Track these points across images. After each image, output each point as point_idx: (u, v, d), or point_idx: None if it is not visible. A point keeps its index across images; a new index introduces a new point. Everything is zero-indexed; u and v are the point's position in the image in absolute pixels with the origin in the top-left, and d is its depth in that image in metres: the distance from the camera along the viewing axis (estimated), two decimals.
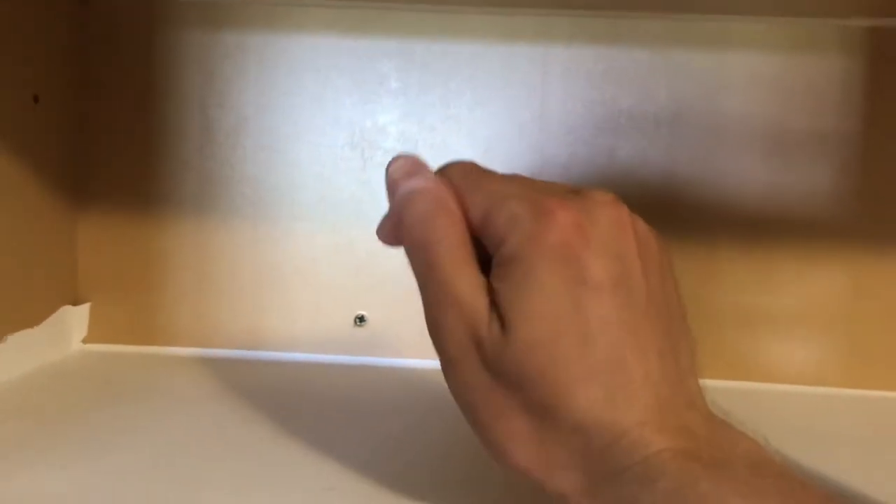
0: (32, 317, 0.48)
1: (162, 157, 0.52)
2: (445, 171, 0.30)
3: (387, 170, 0.30)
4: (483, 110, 0.51)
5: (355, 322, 0.53)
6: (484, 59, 0.51)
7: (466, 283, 0.26)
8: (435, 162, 0.30)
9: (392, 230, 0.30)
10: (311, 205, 0.52)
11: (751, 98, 0.50)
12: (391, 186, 0.30)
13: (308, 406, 0.43)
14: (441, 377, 0.28)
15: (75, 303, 0.52)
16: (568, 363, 0.25)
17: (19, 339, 0.46)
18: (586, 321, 0.25)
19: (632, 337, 0.25)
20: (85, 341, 0.53)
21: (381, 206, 0.50)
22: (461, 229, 0.27)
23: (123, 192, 0.53)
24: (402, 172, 0.30)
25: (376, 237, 0.31)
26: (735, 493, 0.22)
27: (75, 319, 0.52)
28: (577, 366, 0.25)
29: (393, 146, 0.52)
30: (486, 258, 0.27)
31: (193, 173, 0.52)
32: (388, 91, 0.51)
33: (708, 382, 0.30)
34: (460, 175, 0.29)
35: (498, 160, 0.51)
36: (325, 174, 0.52)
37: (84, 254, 0.53)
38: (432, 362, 0.28)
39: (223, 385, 0.46)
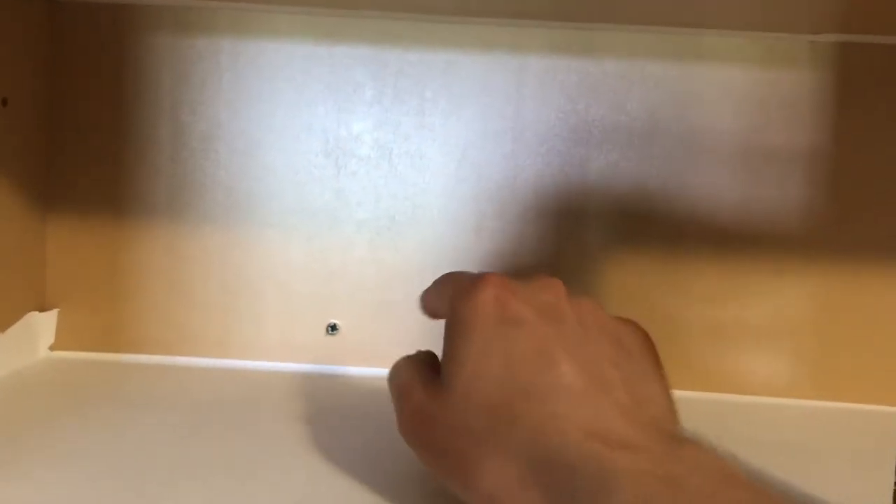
0: None
1: (133, 162, 0.52)
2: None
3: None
4: (458, 119, 0.51)
5: (327, 330, 0.52)
6: (459, 68, 0.51)
7: (406, 376, 0.32)
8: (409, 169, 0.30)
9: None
10: (285, 212, 0.52)
11: (723, 111, 0.51)
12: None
13: (279, 415, 0.43)
14: None
15: (43, 309, 0.52)
16: (501, 388, 0.27)
17: None
18: (515, 350, 0.27)
19: (565, 358, 0.27)
20: (52, 348, 0.52)
21: (354, 214, 0.50)
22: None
23: (94, 197, 0.52)
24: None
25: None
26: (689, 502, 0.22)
27: (42, 326, 0.51)
28: (509, 388, 0.27)
29: (367, 154, 0.51)
30: None
31: (165, 179, 0.52)
32: (363, 99, 0.51)
33: (679, 394, 0.31)
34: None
35: (472, 169, 0.51)
36: (300, 181, 0.52)
37: (52, 259, 0.52)
38: None
39: (193, 394, 0.46)
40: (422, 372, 0.31)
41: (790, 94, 0.50)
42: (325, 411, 0.44)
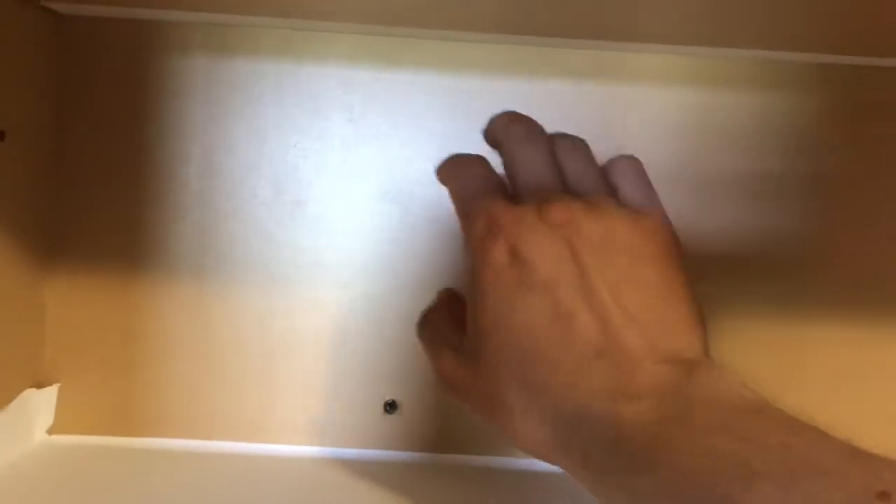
0: None
1: (153, 207, 0.44)
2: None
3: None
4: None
5: (385, 409, 0.44)
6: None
7: (436, 329, 0.34)
8: None
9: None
10: (337, 267, 0.44)
11: (671, 133, 0.44)
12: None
13: None
14: None
15: (40, 385, 0.43)
16: (526, 359, 0.29)
17: None
18: (529, 318, 0.29)
19: (578, 320, 0.28)
20: (51, 432, 0.44)
21: (421, 269, 0.43)
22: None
23: (103, 249, 0.44)
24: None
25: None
26: (691, 440, 0.23)
27: (40, 405, 0.43)
28: (532, 359, 0.28)
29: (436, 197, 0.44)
30: None
31: (191, 228, 0.44)
32: (428, 132, 0.44)
33: None
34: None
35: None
36: (355, 232, 0.44)
37: (53, 323, 0.44)
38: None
39: (223, 486, 0.39)
40: (448, 332, 0.33)
41: (741, 116, 0.45)
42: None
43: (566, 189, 0.32)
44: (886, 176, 0.45)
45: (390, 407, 0.44)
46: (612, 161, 0.34)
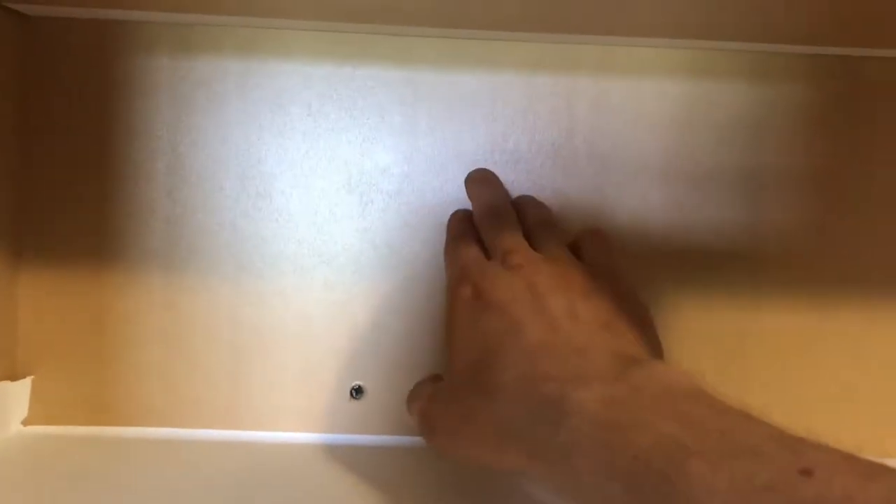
0: None
1: (122, 202, 0.44)
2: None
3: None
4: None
5: (351, 394, 0.45)
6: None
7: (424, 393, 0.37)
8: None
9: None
10: (302, 257, 0.45)
11: (648, 124, 0.45)
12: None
13: (298, 495, 0.36)
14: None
15: (14, 377, 0.44)
16: (482, 363, 0.31)
17: None
18: (482, 320, 0.33)
19: (532, 318, 0.31)
20: (25, 423, 0.45)
21: (383, 258, 0.44)
22: None
23: (73, 244, 0.44)
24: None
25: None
26: (632, 421, 0.24)
27: (14, 397, 0.43)
28: (487, 362, 0.31)
29: (397, 189, 0.45)
30: None
31: (161, 221, 0.44)
32: (391, 128, 0.45)
33: None
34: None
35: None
36: (319, 222, 0.45)
37: (25, 319, 0.44)
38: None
39: (197, 473, 0.39)
40: (428, 384, 0.37)
41: (721, 109, 0.45)
42: (351, 487, 0.37)
43: (529, 246, 0.37)
44: (878, 165, 0.46)
45: (356, 392, 0.45)
46: (579, 234, 0.40)
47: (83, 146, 0.44)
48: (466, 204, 0.44)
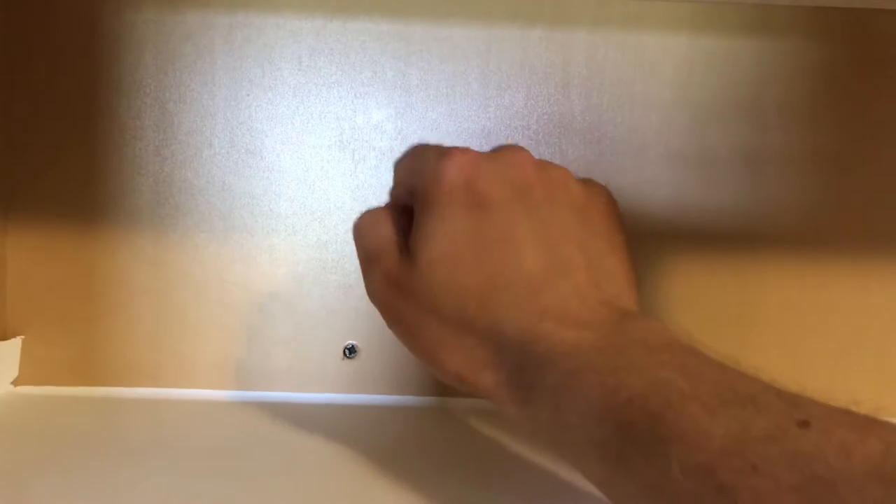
0: None
1: (110, 159, 0.44)
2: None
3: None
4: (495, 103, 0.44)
5: (344, 354, 0.45)
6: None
7: (378, 239, 0.31)
8: None
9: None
10: (293, 216, 0.44)
11: (646, 78, 0.44)
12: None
13: (288, 455, 0.36)
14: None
15: (4, 337, 0.43)
16: (467, 274, 0.28)
17: None
18: (481, 236, 0.28)
19: (530, 245, 0.28)
20: (16, 383, 0.44)
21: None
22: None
23: (61, 203, 0.44)
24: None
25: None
26: (628, 365, 0.24)
27: (4, 358, 0.43)
28: (476, 276, 0.28)
29: (389, 146, 0.44)
30: None
31: (149, 179, 0.44)
32: (383, 83, 0.44)
33: None
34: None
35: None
36: (310, 179, 0.44)
37: (14, 276, 0.44)
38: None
39: (188, 433, 0.38)
40: (393, 236, 0.31)
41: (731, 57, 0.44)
42: (345, 447, 0.37)
43: None
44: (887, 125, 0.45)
45: (350, 351, 0.45)
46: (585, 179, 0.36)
47: (69, 104, 0.43)
48: None
